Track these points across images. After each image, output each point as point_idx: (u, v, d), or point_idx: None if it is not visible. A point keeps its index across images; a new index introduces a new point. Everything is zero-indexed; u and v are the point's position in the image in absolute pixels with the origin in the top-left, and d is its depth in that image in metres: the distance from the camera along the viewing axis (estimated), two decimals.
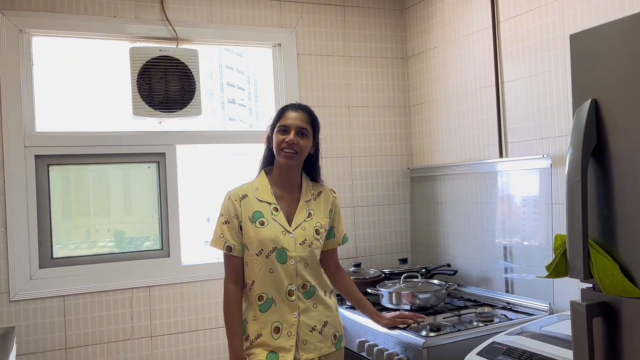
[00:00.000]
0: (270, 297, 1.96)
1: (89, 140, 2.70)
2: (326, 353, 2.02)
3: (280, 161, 2.00)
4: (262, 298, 1.96)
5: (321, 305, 2.02)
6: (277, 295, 1.96)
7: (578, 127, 1.29)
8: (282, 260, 1.95)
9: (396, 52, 3.35)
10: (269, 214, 1.98)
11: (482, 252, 2.78)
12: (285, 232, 1.97)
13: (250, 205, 1.99)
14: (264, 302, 1.96)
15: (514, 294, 2.58)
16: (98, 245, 2.76)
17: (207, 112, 3.00)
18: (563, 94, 2.32)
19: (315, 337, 1.99)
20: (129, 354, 2.71)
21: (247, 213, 1.98)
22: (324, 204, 2.10)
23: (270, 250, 1.95)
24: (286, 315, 1.95)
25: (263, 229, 1.96)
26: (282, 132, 1.99)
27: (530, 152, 2.48)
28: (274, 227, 1.97)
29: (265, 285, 1.96)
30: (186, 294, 2.82)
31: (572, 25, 2.26)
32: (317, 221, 2.05)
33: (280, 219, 1.99)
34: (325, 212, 2.09)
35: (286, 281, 1.96)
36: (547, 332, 1.92)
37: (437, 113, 3.11)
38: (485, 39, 2.73)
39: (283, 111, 2.04)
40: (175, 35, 2.82)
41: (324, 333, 2.01)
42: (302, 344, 1.96)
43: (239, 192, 2.02)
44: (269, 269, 1.95)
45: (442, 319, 2.37)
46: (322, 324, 2.01)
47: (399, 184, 3.33)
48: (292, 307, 1.96)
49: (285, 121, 2.00)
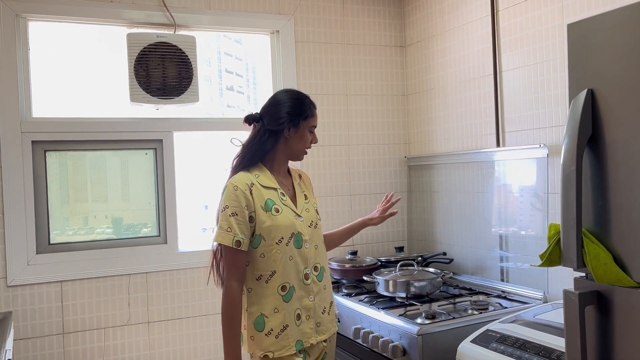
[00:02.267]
0: (291, 285, 1.91)
1: (85, 127, 2.70)
2: (333, 333, 2.03)
3: (300, 158, 2.03)
4: (285, 288, 1.90)
5: (328, 286, 2.04)
6: (296, 282, 1.93)
7: (574, 116, 1.29)
8: (299, 245, 1.94)
9: (395, 40, 3.33)
10: (278, 200, 1.95)
11: (478, 241, 2.79)
12: (296, 217, 1.96)
13: (261, 193, 1.91)
14: (287, 292, 1.91)
15: (509, 282, 2.60)
16: (96, 231, 2.77)
17: (205, 99, 2.99)
18: (561, 83, 2.32)
19: (326, 318, 1.99)
20: (126, 340, 2.73)
21: (259, 202, 1.90)
22: (308, 184, 2.15)
23: (289, 237, 1.91)
24: (304, 300, 1.93)
25: (279, 216, 1.91)
26: (311, 132, 2.01)
27: (528, 142, 2.48)
28: (287, 213, 1.94)
29: (287, 274, 1.91)
30: (183, 280, 2.83)
31: (571, 15, 2.25)
32: (313, 202, 2.08)
33: (289, 204, 1.97)
34: (312, 192, 2.14)
35: (302, 265, 1.94)
36: (541, 320, 1.94)
37: (435, 102, 3.11)
38: (484, 28, 2.72)
39: (309, 109, 1.99)
40: (173, 22, 2.81)
41: (331, 313, 2.02)
42: (317, 326, 1.95)
43: (245, 180, 1.90)
44: (289, 257, 1.91)
45: (437, 307, 2.38)
46: (329, 304, 2.02)
47: (396, 172, 3.33)
48: (308, 290, 1.94)
49: (315, 121, 2.01)
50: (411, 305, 2.42)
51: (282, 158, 2.01)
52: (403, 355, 2.13)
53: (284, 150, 1.99)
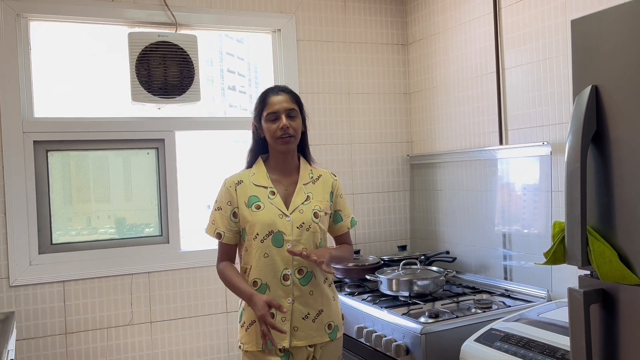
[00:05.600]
0: (264, 282, 1.93)
1: (87, 126, 2.69)
2: (318, 342, 1.97)
3: (280, 148, 1.97)
4: (256, 284, 1.94)
5: (318, 293, 1.98)
6: (272, 280, 1.93)
7: (578, 113, 1.28)
8: (279, 244, 1.93)
9: (397, 38, 3.32)
10: (265, 197, 1.97)
11: (481, 239, 2.78)
12: (282, 216, 1.95)
13: (246, 190, 1.98)
14: (258, 288, 1.93)
15: (512, 281, 2.58)
16: (99, 231, 2.77)
17: (207, 99, 2.99)
18: (564, 81, 2.30)
19: (307, 325, 1.95)
20: (128, 339, 2.72)
21: (242, 198, 1.97)
22: (323, 187, 2.06)
23: (265, 234, 1.93)
24: (280, 300, 1.92)
25: (259, 212, 1.95)
26: (272, 120, 1.95)
27: (531, 140, 2.47)
28: (270, 210, 1.95)
29: (260, 270, 1.94)
30: (185, 280, 2.83)
31: (574, 11, 2.24)
32: (316, 204, 2.00)
33: (277, 202, 1.97)
34: (324, 196, 2.05)
35: (282, 265, 1.93)
36: (545, 318, 1.93)
37: (437, 100, 3.10)
38: (486, 25, 2.71)
39: (264, 98, 1.99)
40: (174, 21, 2.80)
41: (317, 321, 1.97)
42: (294, 330, 1.93)
43: (235, 178, 2.02)
44: (264, 254, 1.93)
45: (440, 306, 2.37)
46: (317, 312, 1.97)
47: (399, 171, 3.32)
48: (286, 292, 1.93)
49: (271, 108, 1.95)
50: (414, 304, 2.41)
51: (273, 153, 2.04)
52: (406, 354, 2.12)
53: (270, 146, 2.02)
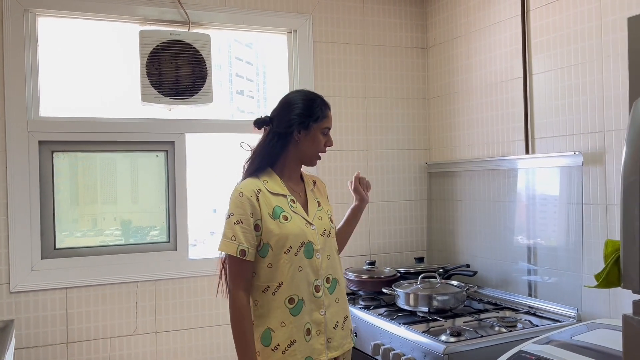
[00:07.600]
0: (300, 298, 1.79)
1: (94, 127, 2.59)
2: (347, 350, 1.90)
3: (313, 162, 1.91)
4: (293, 300, 1.78)
5: (342, 299, 1.90)
6: (306, 295, 1.80)
7: (636, 121, 1.15)
8: (309, 255, 1.82)
9: (416, 41, 3.20)
10: (287, 207, 1.84)
11: (503, 252, 2.64)
12: (308, 225, 1.84)
13: (269, 200, 1.81)
14: (296, 305, 1.79)
15: (537, 297, 2.45)
16: (104, 233, 2.66)
17: (217, 102, 2.88)
18: (598, 87, 2.18)
19: (339, 334, 1.86)
20: (132, 350, 2.61)
21: (266, 209, 1.79)
22: (322, 191, 2.04)
23: (299, 247, 1.80)
24: (314, 313, 1.81)
25: (288, 224, 1.80)
26: (325, 134, 1.89)
27: (560, 149, 2.34)
28: (297, 220, 1.82)
29: (296, 286, 1.79)
30: (193, 288, 2.71)
31: (610, 14, 2.12)
32: (327, 209, 1.97)
33: (300, 211, 1.85)
34: (327, 199, 2.03)
35: (312, 277, 1.82)
36: (580, 342, 1.80)
37: (458, 106, 2.97)
38: (512, 29, 2.59)
39: (320, 109, 1.87)
40: (187, 19, 2.70)
41: (345, 328, 1.90)
42: (328, 342, 1.83)
43: (251, 186, 1.81)
44: (298, 267, 1.79)
45: (462, 323, 2.24)
46: (344, 318, 1.90)
47: (416, 179, 3.20)
48: (318, 304, 1.82)
49: (329, 123, 1.89)
50: (434, 320, 2.28)
51: (293, 163, 1.90)
52: None
53: (295, 155, 1.88)
